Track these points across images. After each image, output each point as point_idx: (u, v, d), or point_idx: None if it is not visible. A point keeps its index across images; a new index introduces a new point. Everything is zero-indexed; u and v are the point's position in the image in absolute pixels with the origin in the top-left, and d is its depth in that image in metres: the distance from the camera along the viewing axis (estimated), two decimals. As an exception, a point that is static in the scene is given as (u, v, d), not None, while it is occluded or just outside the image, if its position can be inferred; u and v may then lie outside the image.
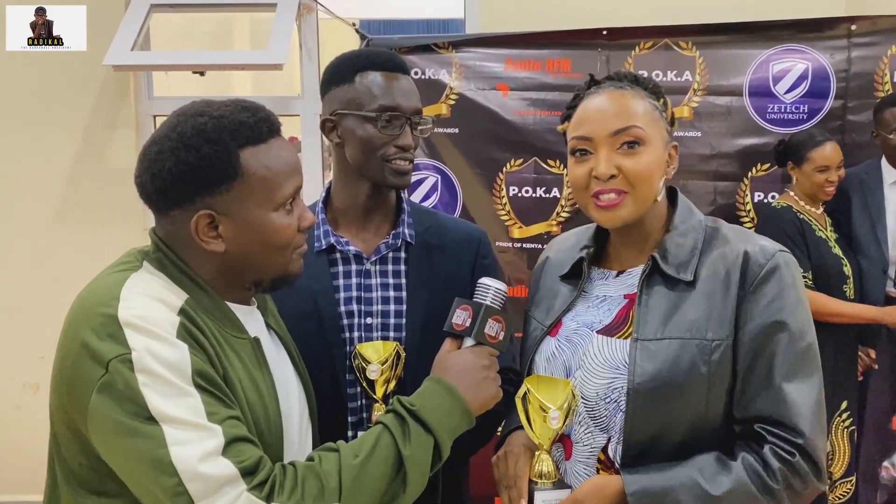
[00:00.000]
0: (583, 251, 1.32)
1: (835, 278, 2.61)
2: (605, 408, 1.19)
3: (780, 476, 1.12)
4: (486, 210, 3.00)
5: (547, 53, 2.91)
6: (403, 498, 1.05)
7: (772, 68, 2.86)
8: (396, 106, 1.42)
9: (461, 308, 1.20)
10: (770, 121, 2.87)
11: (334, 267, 1.49)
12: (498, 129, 2.93)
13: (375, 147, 1.43)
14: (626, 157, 1.18)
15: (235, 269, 1.10)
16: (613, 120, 1.18)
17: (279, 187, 1.07)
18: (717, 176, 2.90)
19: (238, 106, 1.08)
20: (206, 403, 0.96)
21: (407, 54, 2.91)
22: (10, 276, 3.26)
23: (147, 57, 3.15)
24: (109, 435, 0.96)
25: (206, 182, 1.03)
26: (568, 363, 1.24)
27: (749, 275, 1.16)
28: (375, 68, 1.45)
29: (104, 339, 0.96)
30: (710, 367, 1.14)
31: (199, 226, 1.05)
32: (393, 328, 1.46)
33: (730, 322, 1.16)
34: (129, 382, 0.94)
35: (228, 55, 3.68)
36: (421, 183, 2.97)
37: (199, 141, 1.03)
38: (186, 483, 0.92)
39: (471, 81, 2.93)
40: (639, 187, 1.18)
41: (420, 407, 1.09)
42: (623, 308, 1.23)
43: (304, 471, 1.00)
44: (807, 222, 2.65)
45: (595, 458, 1.21)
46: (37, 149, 3.26)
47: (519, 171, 2.95)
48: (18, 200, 3.30)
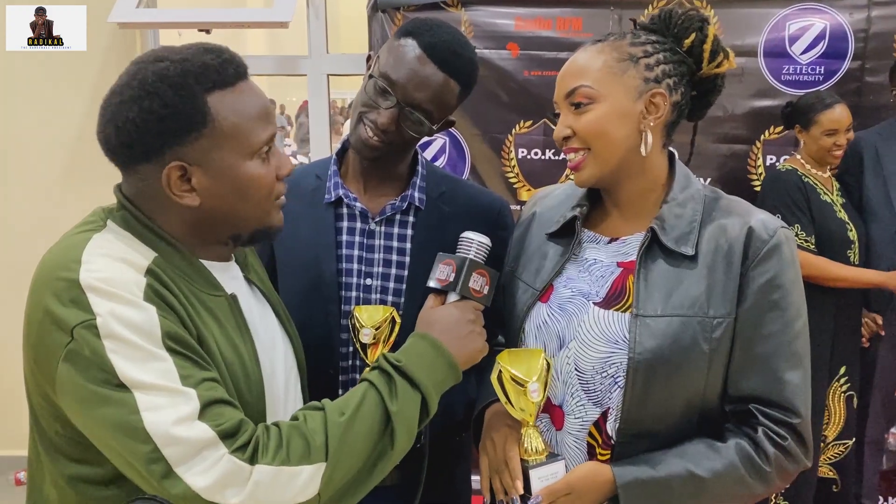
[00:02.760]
0: (575, 209, 1.28)
1: (839, 243, 2.59)
2: (600, 382, 1.16)
3: (774, 460, 1.12)
4: (495, 173, 2.97)
5: (558, 12, 2.85)
6: (391, 455, 1.03)
7: (788, 27, 2.79)
8: (398, 84, 1.34)
9: (444, 263, 1.18)
10: (785, 82, 2.82)
11: (340, 222, 1.46)
12: (507, 90, 2.89)
13: (357, 106, 1.39)
14: (576, 116, 1.18)
15: (211, 223, 1.04)
16: (566, 81, 1.20)
17: (252, 133, 1.01)
18: (728, 139, 2.86)
19: (200, 48, 1.01)
20: (178, 366, 0.92)
21: (415, 12, 2.86)
22: (17, 240, 3.27)
23: (152, 14, 3.11)
24: (80, 404, 0.92)
25: (174, 131, 0.96)
26: (562, 333, 1.21)
27: (752, 251, 1.14)
28: (419, 43, 1.34)
29: (67, 304, 0.92)
30: (711, 344, 1.13)
31: (171, 179, 0.98)
32: (392, 292, 1.44)
33: (732, 298, 1.14)
34: (95, 349, 0.90)
35: (233, 13, 3.62)
36: (429, 145, 2.94)
37: (163, 87, 0.96)
38: (162, 448, 0.89)
39: (480, 41, 2.88)
40: (594, 144, 1.17)
41: (406, 363, 1.07)
42: (618, 278, 1.20)
43: (288, 430, 0.97)
44: (811, 186, 2.61)
45: (586, 431, 1.19)
46: (44, 111, 3.25)
47: (528, 133, 2.92)
48: (25, 163, 3.31)
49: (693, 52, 1.20)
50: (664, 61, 1.18)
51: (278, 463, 0.93)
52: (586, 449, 1.19)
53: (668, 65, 1.19)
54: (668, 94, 1.18)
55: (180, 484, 0.89)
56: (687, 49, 1.20)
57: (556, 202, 1.36)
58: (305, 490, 0.95)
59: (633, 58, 1.17)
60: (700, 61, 1.21)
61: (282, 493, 0.93)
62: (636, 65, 1.17)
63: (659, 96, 1.17)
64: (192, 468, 0.89)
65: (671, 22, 1.21)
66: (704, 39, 1.19)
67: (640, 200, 1.23)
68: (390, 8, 2.89)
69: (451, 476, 1.56)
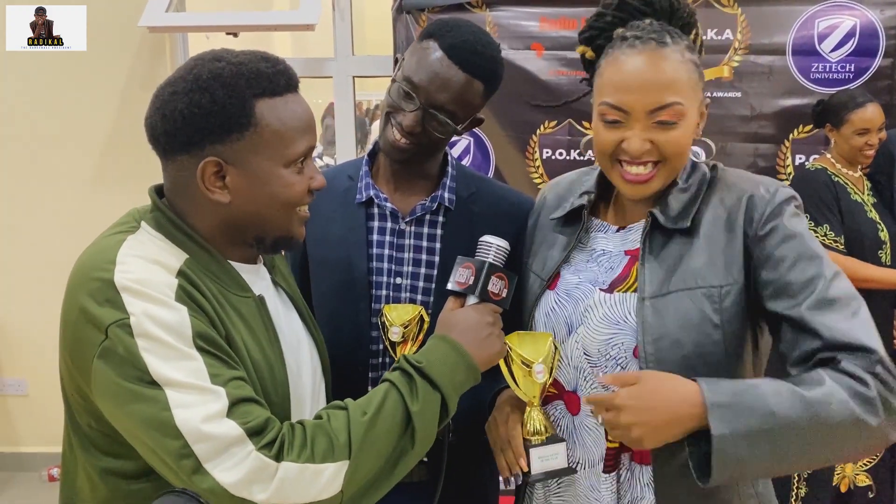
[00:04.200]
0: (583, 197, 1.26)
1: (869, 244, 2.55)
2: (605, 363, 1.16)
3: (874, 386, 0.97)
4: (519, 173, 2.97)
5: (583, 11, 2.84)
6: (412, 454, 1.05)
7: (817, 25, 2.76)
8: (416, 84, 1.35)
9: (464, 266, 1.19)
10: (814, 80, 2.78)
11: (371, 221, 1.48)
12: (532, 90, 2.89)
13: (385, 108, 1.40)
14: (660, 131, 1.10)
15: (238, 224, 1.07)
16: (654, 94, 1.09)
17: (291, 143, 1.04)
18: (756, 138, 2.84)
19: (258, 56, 1.05)
20: (208, 365, 0.95)
21: (440, 14, 2.88)
22: (49, 238, 3.34)
23: (181, 18, 3.15)
24: (113, 400, 0.95)
25: (218, 128, 1.00)
26: (570, 319, 1.20)
27: (756, 213, 1.11)
28: (442, 46, 1.34)
29: (102, 304, 0.95)
30: (721, 314, 1.10)
31: (206, 173, 1.02)
32: (421, 291, 1.45)
33: (738, 265, 1.11)
34: (128, 347, 0.93)
35: (260, 16, 3.66)
36: (453, 145, 2.95)
37: (215, 85, 1.00)
38: (192, 444, 0.91)
39: (504, 41, 2.88)
40: (672, 160, 1.13)
41: (427, 363, 1.08)
42: (626, 266, 1.20)
43: (313, 429, 0.99)
44: (842, 185, 2.58)
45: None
46: (74, 112, 3.32)
47: (553, 134, 2.92)
48: (57, 163, 3.37)
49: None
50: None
51: (303, 460, 0.95)
52: (605, 431, 1.17)
53: None
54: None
55: (209, 479, 0.91)
56: None
57: (564, 189, 1.35)
58: (329, 487, 0.97)
59: (698, 67, 1.15)
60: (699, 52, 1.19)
61: (306, 489, 0.95)
62: (700, 71, 1.15)
63: (705, 106, 1.17)
64: (220, 464, 0.91)
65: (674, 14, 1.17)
66: (698, 34, 1.19)
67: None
68: (415, 9, 2.91)
69: (478, 472, 1.56)
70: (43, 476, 3.47)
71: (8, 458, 3.59)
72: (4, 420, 3.60)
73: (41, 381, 3.42)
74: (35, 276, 3.33)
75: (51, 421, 1.09)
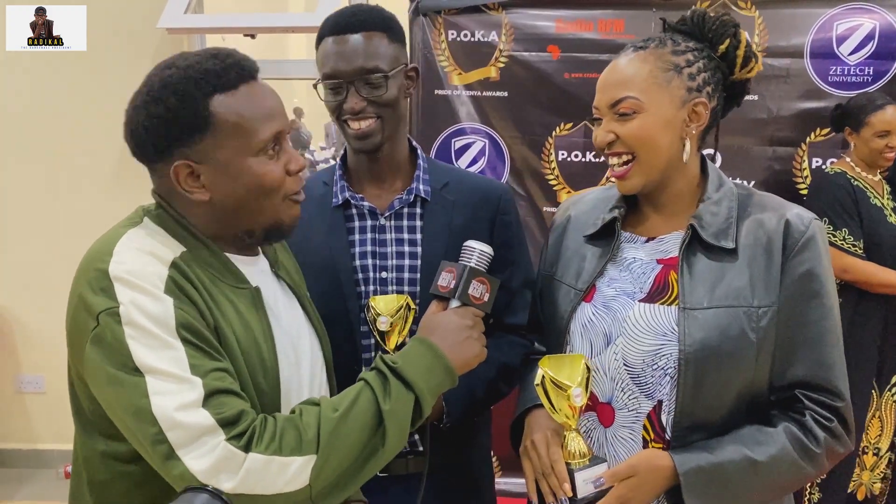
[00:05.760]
0: (613, 211, 1.31)
1: (889, 248, 2.53)
2: (651, 374, 1.19)
3: (823, 442, 1.16)
4: (535, 175, 2.97)
5: (599, 14, 2.84)
6: (383, 452, 1.06)
7: (836, 28, 2.74)
8: (335, 72, 1.42)
9: (446, 270, 1.22)
10: (832, 83, 2.76)
11: (350, 222, 1.53)
12: (548, 92, 2.88)
13: (332, 113, 1.47)
14: (619, 123, 1.21)
15: (226, 218, 1.10)
16: (611, 91, 1.21)
17: (254, 132, 1.06)
18: (773, 141, 2.82)
19: (208, 54, 1.08)
20: (189, 356, 0.98)
21: (456, 15, 2.88)
22: (70, 235, 3.37)
23: (199, 20, 3.18)
24: (100, 384, 1.00)
25: (179, 133, 1.04)
26: (608, 330, 1.24)
27: (790, 241, 1.18)
28: (327, 33, 1.44)
29: (97, 292, 1.00)
30: (758, 333, 1.16)
31: (180, 176, 1.06)
32: (407, 282, 1.50)
33: (775, 288, 1.17)
34: (116, 334, 0.97)
35: (277, 17, 3.69)
36: (469, 147, 2.95)
37: (166, 93, 1.04)
38: (167, 431, 0.95)
39: (520, 43, 2.89)
40: (640, 152, 1.20)
41: (402, 364, 1.10)
42: (660, 274, 1.23)
43: (283, 423, 1.01)
44: (861, 189, 2.56)
45: (641, 423, 1.21)
46: (94, 112, 3.35)
47: (568, 136, 2.91)
48: (77, 162, 3.41)
49: (727, 58, 1.24)
50: (704, 69, 1.22)
51: (270, 452, 0.98)
52: (641, 443, 1.21)
53: (707, 72, 1.22)
54: (709, 102, 1.22)
55: (180, 465, 0.95)
56: (721, 54, 1.23)
57: (590, 206, 1.39)
58: (296, 480, 0.99)
59: (677, 67, 1.20)
60: (733, 66, 1.24)
61: (272, 481, 0.97)
62: (680, 74, 1.20)
63: (701, 105, 1.21)
64: (191, 452, 0.95)
65: (705, 26, 1.24)
66: (738, 45, 1.23)
67: (677, 201, 1.27)
68: (431, 12, 2.91)
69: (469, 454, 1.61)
70: (60, 473, 3.51)
71: (26, 455, 3.63)
72: (23, 417, 3.64)
73: (59, 378, 3.43)
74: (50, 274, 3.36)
75: (68, 418, 1.11)
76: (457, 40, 2.92)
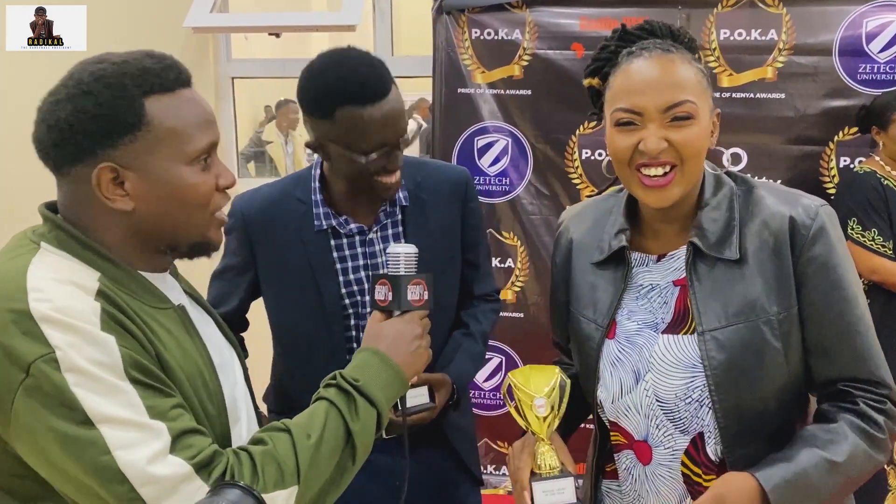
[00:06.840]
0: (620, 236, 1.24)
1: None
2: (685, 408, 1.16)
3: (885, 426, 1.12)
4: (559, 173, 2.96)
5: (623, 12, 2.82)
6: (352, 469, 1.06)
7: (865, 25, 2.70)
8: (384, 142, 1.41)
9: (379, 284, 1.21)
10: (861, 81, 2.72)
11: (337, 239, 1.54)
12: (571, 90, 2.86)
13: (367, 174, 1.44)
14: (674, 130, 1.11)
15: (149, 231, 1.00)
16: (666, 93, 1.11)
17: (190, 139, 0.98)
18: (801, 140, 2.78)
19: (142, 53, 0.99)
20: (143, 398, 0.89)
21: (480, 14, 2.88)
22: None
23: (224, 19, 3.21)
24: (42, 444, 0.87)
25: (108, 131, 0.93)
26: (636, 366, 1.20)
27: (798, 238, 1.13)
28: (353, 103, 1.37)
29: (20, 337, 0.86)
30: (782, 339, 1.13)
31: (103, 181, 0.94)
32: None
33: (791, 290, 1.13)
34: (57, 385, 0.85)
35: (302, 16, 3.71)
36: (492, 146, 2.95)
37: (98, 86, 0.94)
38: (139, 488, 0.86)
39: (544, 41, 2.88)
40: (688, 161, 1.12)
41: (364, 382, 1.09)
42: (679, 298, 1.19)
43: (261, 457, 0.96)
44: (891, 189, 2.52)
45: (678, 460, 1.19)
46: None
47: (592, 134, 2.90)
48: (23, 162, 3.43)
49: None
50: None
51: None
52: (682, 479, 1.19)
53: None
54: None
55: None
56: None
57: (591, 223, 1.32)
58: None
59: (703, 74, 1.17)
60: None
61: None
62: (708, 82, 1.17)
63: (717, 117, 1.19)
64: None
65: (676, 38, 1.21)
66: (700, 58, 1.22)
67: (680, 210, 1.20)
68: (455, 10, 2.91)
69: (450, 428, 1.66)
70: None
71: None
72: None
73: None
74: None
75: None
76: (480, 38, 2.92)
